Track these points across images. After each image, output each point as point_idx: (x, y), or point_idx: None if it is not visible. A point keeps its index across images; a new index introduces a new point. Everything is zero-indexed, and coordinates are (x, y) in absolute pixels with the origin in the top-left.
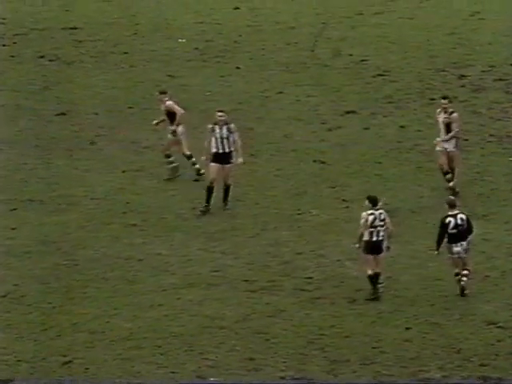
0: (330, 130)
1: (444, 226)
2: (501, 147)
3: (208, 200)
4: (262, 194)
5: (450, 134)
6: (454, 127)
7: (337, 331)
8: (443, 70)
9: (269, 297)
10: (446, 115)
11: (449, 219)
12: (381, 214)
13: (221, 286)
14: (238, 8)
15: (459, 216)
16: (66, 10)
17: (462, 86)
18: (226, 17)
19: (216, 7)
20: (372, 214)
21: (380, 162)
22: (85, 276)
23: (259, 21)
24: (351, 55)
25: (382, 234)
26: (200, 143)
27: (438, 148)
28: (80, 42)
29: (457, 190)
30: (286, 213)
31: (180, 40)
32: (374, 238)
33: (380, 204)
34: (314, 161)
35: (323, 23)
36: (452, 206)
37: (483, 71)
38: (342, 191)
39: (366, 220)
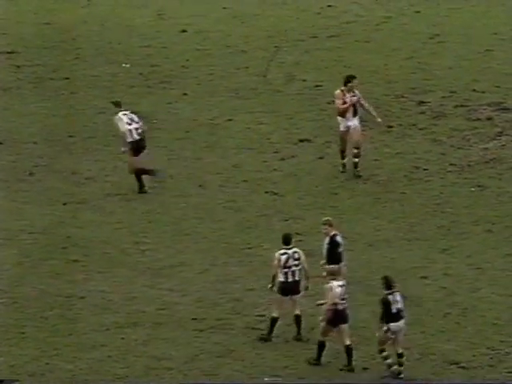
0: (282, 159)
1: (336, 243)
2: (462, 177)
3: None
4: (210, 228)
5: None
6: (364, 102)
7: (290, 372)
8: (402, 96)
9: (218, 336)
10: (351, 94)
11: (338, 238)
12: (295, 252)
13: (168, 325)
14: (185, 31)
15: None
16: (3, 34)
17: (422, 113)
18: (173, 40)
19: (162, 30)
20: (285, 253)
21: (335, 193)
22: (23, 315)
23: (208, 44)
24: (305, 80)
25: (297, 274)
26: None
27: (342, 128)
28: (18, 67)
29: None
30: (236, 247)
31: (124, 65)
32: (290, 279)
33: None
34: (266, 192)
35: (276, 47)
36: (331, 225)
37: (443, 97)
38: (296, 224)
39: (279, 260)
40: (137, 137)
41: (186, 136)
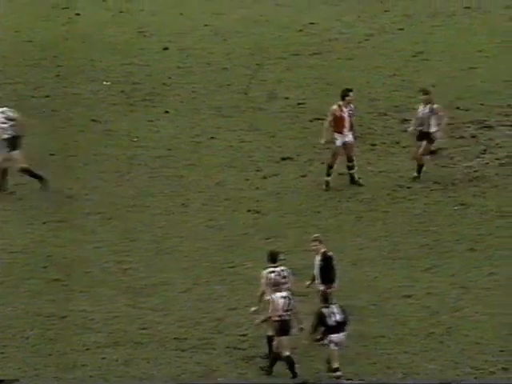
0: (265, 177)
1: (330, 259)
2: (446, 195)
3: None
4: (192, 246)
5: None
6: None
7: None
8: (385, 114)
9: (200, 356)
10: (349, 108)
11: (330, 253)
12: (283, 270)
13: (149, 345)
14: (166, 48)
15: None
16: None
17: (405, 131)
18: (155, 57)
19: (144, 47)
20: (273, 271)
21: (318, 212)
22: (3, 335)
23: (189, 62)
24: (287, 98)
25: (286, 292)
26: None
27: (338, 144)
28: None
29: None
30: (219, 266)
31: (105, 83)
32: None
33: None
34: (248, 210)
35: (257, 64)
36: (321, 242)
37: None
38: (278, 242)
39: (267, 278)
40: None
41: (167, 154)
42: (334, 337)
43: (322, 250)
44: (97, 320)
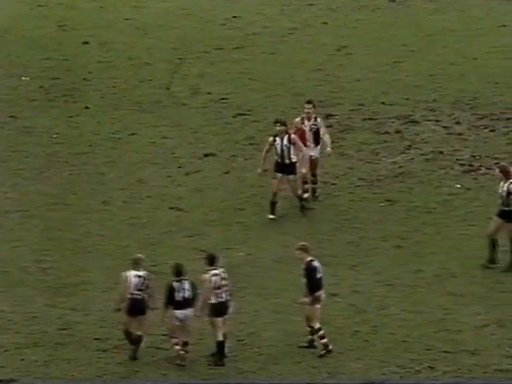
0: (187, 174)
1: (313, 270)
2: (371, 192)
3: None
4: (114, 245)
5: (327, 143)
6: (323, 132)
7: None
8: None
9: (122, 356)
10: (312, 122)
11: (315, 263)
12: (223, 272)
13: (69, 346)
14: (87, 42)
15: (315, 262)
16: None
17: (329, 126)
18: (75, 52)
19: (63, 42)
20: (215, 274)
21: (242, 209)
22: None
23: (110, 56)
24: (210, 93)
25: (227, 294)
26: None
27: (305, 156)
28: None
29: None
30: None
31: (24, 78)
32: (221, 299)
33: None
34: (171, 208)
35: (180, 59)
36: (307, 251)
37: (351, 110)
38: (201, 240)
39: (210, 282)
40: None
41: (88, 151)
42: (179, 312)
43: (307, 260)
44: (15, 320)
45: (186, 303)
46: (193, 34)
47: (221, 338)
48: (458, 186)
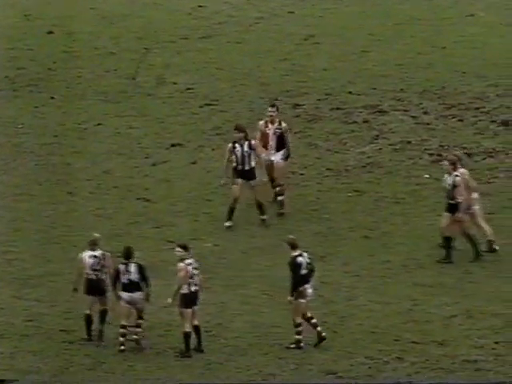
0: (154, 164)
1: (297, 266)
2: (339, 182)
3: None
4: (80, 236)
5: (285, 150)
6: (287, 137)
7: None
8: (276, 99)
9: (88, 348)
10: (276, 126)
11: (300, 259)
12: (195, 261)
13: (35, 337)
14: (51, 32)
15: (304, 254)
16: None
17: (297, 116)
18: (39, 42)
19: (28, 32)
20: (190, 263)
21: (209, 200)
22: None
23: (75, 46)
24: (176, 83)
25: (197, 284)
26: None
27: (265, 161)
28: None
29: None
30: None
31: None
32: (193, 289)
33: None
34: (138, 198)
35: (145, 48)
36: (294, 246)
37: (319, 100)
38: (168, 231)
39: (187, 271)
40: None
41: (53, 141)
42: (125, 295)
43: (293, 255)
44: None
45: (132, 286)
46: (158, 24)
47: (188, 330)
48: (427, 176)
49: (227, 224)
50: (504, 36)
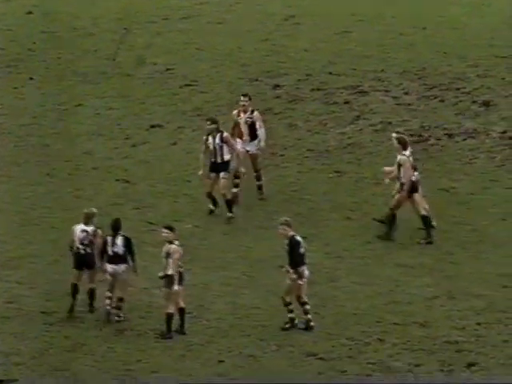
0: (134, 145)
1: (296, 244)
2: (319, 163)
3: None
4: (60, 217)
5: (262, 137)
6: (259, 126)
7: (143, 366)
8: (256, 80)
9: (69, 330)
10: (248, 115)
11: (298, 238)
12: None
13: (15, 319)
14: (31, 12)
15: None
16: None
17: (277, 97)
18: (19, 22)
19: (7, 12)
20: (182, 245)
21: (189, 181)
22: None
23: (55, 26)
24: (156, 64)
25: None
26: None
27: (239, 147)
28: None
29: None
30: None
31: None
32: (181, 270)
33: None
34: (117, 180)
35: (125, 29)
36: (290, 225)
37: (299, 80)
38: (148, 213)
39: (180, 253)
40: None
41: (32, 122)
42: (109, 267)
43: (290, 234)
44: None
45: (117, 258)
46: (139, 4)
47: (171, 311)
48: None
49: (210, 207)
50: (485, 16)
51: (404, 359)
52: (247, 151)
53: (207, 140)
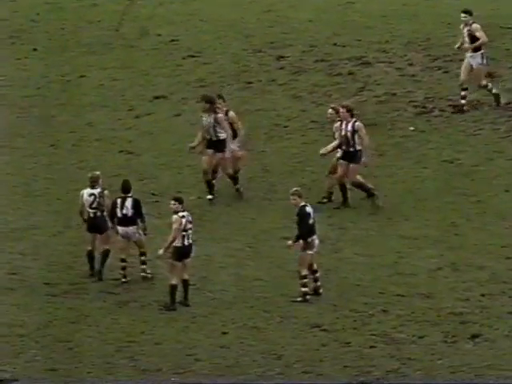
0: (137, 117)
1: (306, 215)
2: (323, 134)
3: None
4: (63, 188)
5: (239, 138)
6: (237, 126)
7: (147, 338)
8: (260, 51)
9: (72, 301)
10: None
11: (308, 209)
12: (189, 215)
13: (19, 291)
14: None
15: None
16: None
17: (281, 68)
18: None
19: None
20: (184, 216)
21: (193, 152)
22: None
23: None
24: (160, 35)
25: (191, 237)
26: None
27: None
28: None
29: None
30: None
31: None
32: (186, 243)
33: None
34: (121, 151)
35: (129, 0)
36: (301, 196)
37: (303, 51)
38: (152, 184)
39: (180, 224)
40: None
41: (36, 93)
42: (120, 229)
43: (300, 205)
44: None
45: (126, 220)
46: None
47: (174, 282)
48: (411, 128)
49: (209, 197)
50: None
51: (408, 331)
52: (232, 151)
53: (202, 117)
